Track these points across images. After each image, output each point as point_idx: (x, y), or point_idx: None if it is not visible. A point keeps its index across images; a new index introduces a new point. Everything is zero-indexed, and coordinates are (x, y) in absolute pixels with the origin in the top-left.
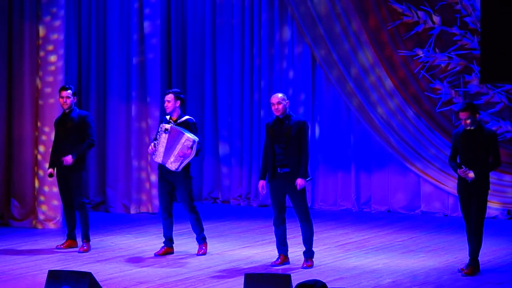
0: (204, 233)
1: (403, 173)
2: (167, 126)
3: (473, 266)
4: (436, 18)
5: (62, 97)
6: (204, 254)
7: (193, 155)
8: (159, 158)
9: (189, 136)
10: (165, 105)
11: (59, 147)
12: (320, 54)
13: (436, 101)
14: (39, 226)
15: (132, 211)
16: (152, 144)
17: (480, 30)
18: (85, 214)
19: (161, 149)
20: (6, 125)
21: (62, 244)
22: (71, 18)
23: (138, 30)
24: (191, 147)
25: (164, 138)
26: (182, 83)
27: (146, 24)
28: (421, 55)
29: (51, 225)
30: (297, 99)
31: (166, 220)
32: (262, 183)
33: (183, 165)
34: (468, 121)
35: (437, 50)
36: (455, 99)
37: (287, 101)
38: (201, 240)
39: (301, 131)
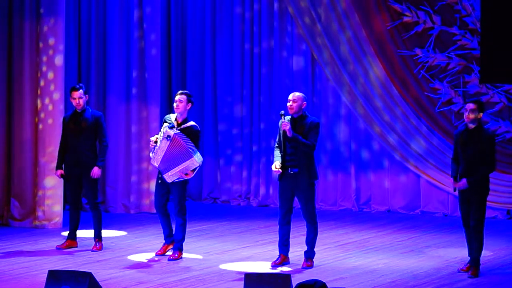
0: (183, 243)
1: (403, 173)
2: (170, 132)
3: (476, 267)
4: (436, 18)
5: (74, 98)
6: (176, 259)
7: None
8: (155, 162)
9: (196, 159)
10: (177, 105)
11: (71, 146)
12: (321, 56)
13: (436, 101)
14: (39, 226)
15: (132, 211)
16: (154, 139)
17: (480, 30)
18: (100, 214)
19: (160, 153)
20: (6, 125)
21: (62, 244)
22: (71, 18)
23: (138, 30)
24: (194, 170)
25: (164, 144)
26: (182, 82)
27: (146, 24)
28: (421, 55)
29: (51, 225)
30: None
31: (163, 220)
32: (277, 164)
33: (177, 181)
34: (472, 115)
35: (437, 50)
36: (455, 99)
37: (304, 102)
38: (177, 249)
39: (310, 130)
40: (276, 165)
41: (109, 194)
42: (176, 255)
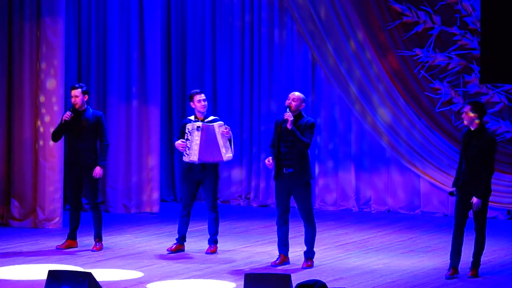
0: (217, 236)
1: (403, 173)
2: (198, 124)
3: (475, 268)
4: (436, 18)
5: (72, 97)
6: (212, 253)
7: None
8: (194, 157)
9: (217, 123)
10: (202, 104)
11: (71, 145)
12: (320, 54)
13: (436, 101)
14: (39, 226)
15: (132, 211)
16: (179, 142)
17: (480, 30)
18: (100, 214)
19: (195, 147)
20: (6, 125)
21: (62, 244)
22: (71, 18)
23: (138, 30)
24: (225, 128)
25: (197, 135)
26: (182, 83)
27: (146, 24)
28: (421, 55)
29: (51, 225)
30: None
31: (184, 218)
32: (270, 158)
33: (232, 148)
34: (466, 117)
35: (437, 50)
36: (455, 99)
37: (302, 104)
38: (213, 242)
39: (306, 129)
40: (269, 158)
41: (109, 194)
42: (213, 248)
